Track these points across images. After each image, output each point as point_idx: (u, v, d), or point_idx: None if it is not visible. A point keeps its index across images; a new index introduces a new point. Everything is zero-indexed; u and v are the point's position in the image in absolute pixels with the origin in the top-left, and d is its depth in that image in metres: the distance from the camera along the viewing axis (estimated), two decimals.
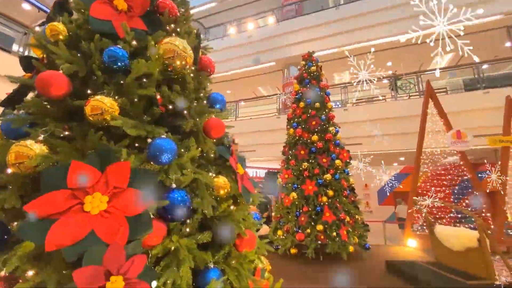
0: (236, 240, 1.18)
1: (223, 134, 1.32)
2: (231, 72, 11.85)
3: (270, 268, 1.50)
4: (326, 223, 4.54)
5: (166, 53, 1.18)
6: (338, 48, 10.21)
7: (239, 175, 1.36)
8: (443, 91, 9.79)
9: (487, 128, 7.30)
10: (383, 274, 3.89)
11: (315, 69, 5.93)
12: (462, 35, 9.62)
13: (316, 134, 5.33)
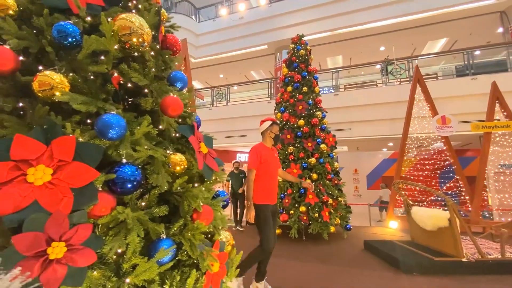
0: (193, 215, 1.24)
1: (182, 113, 1.34)
2: (222, 55, 11.64)
3: (233, 243, 1.58)
4: (309, 205, 4.67)
5: (121, 29, 1.17)
6: (331, 31, 10.05)
7: (201, 153, 1.40)
8: (434, 77, 9.81)
9: (475, 114, 7.40)
10: (360, 252, 4.07)
11: (303, 53, 5.86)
12: (456, 20, 9.52)
13: (302, 118, 5.37)
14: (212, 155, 1.54)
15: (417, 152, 7.68)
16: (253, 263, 2.40)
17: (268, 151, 2.58)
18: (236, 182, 6.08)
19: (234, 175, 6.14)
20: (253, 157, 2.49)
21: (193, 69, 13.01)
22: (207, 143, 1.59)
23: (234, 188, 6.07)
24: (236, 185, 6.04)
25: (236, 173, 6.13)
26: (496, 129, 5.67)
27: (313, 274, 3.13)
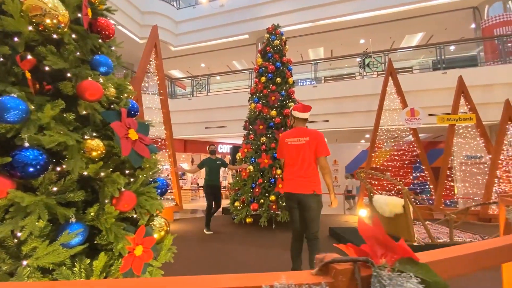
0: (113, 200, 1.25)
1: (100, 97, 1.32)
2: (203, 43, 11.40)
3: (168, 229, 1.61)
4: (278, 194, 4.78)
5: (32, 10, 1.13)
6: (312, 22, 10.04)
7: (129, 140, 1.40)
8: (409, 71, 10.06)
9: (445, 107, 7.69)
10: (325, 239, 4.23)
11: (278, 43, 5.84)
12: (431, 15, 9.72)
13: (275, 109, 5.40)
14: (145, 142, 1.54)
15: (392, 144, 7.96)
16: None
17: None
18: (213, 171, 4.75)
19: (210, 162, 4.74)
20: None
21: (173, 58, 12.71)
22: (142, 130, 1.58)
23: (210, 178, 4.72)
24: (213, 174, 4.74)
25: (213, 160, 4.77)
26: (460, 122, 5.93)
27: (272, 259, 3.23)
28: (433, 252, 0.63)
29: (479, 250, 0.66)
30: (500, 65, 7.36)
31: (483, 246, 0.68)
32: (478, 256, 0.65)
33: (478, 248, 0.67)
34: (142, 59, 4.92)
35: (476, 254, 0.65)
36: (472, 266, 0.64)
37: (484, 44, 8.41)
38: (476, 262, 0.65)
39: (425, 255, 0.62)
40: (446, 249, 0.65)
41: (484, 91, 7.12)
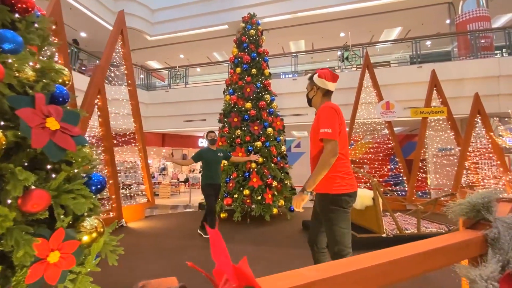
0: (18, 200, 1.07)
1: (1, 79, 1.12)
2: (181, 33, 10.97)
3: (102, 230, 1.44)
4: (252, 188, 4.68)
5: None
6: (292, 14, 9.89)
7: (46, 130, 1.22)
8: (386, 65, 10.20)
9: (420, 101, 7.86)
10: (298, 232, 4.19)
11: (254, 33, 5.66)
12: (409, 9, 9.83)
13: (250, 101, 5.26)
14: (71, 132, 1.35)
15: (370, 137, 8.06)
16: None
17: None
18: (212, 165, 3.75)
19: (208, 154, 3.76)
20: (334, 119, 1.58)
21: (150, 48, 12.18)
22: (69, 119, 1.40)
23: (210, 175, 3.72)
24: (213, 170, 3.74)
25: (213, 151, 3.80)
26: (432, 115, 6.06)
27: (243, 254, 3.13)
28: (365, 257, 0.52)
29: (420, 251, 0.56)
30: (471, 59, 7.57)
31: (426, 247, 0.58)
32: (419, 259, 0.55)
33: (422, 249, 0.57)
34: (106, 47, 4.60)
35: (416, 256, 0.55)
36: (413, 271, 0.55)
37: (458, 39, 8.63)
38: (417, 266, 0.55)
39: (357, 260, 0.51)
40: (385, 252, 0.55)
41: (456, 85, 7.32)
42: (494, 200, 0.64)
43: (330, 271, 0.47)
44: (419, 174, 6.21)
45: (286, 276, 0.45)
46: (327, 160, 1.54)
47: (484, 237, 0.62)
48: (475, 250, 0.61)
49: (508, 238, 0.57)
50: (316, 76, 1.78)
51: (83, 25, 9.97)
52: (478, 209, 0.64)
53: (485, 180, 5.49)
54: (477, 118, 5.68)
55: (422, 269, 0.58)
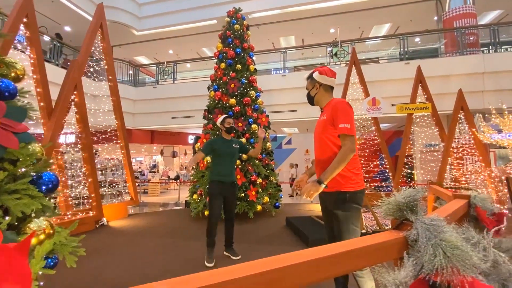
0: None
1: None
2: (169, 28, 10.77)
3: (51, 231, 1.38)
4: None
5: None
6: (281, 9, 9.79)
7: None
8: (375, 61, 10.22)
9: (407, 97, 7.92)
10: (281, 229, 4.18)
11: (239, 28, 5.57)
12: (397, 5, 9.84)
13: (234, 97, 5.19)
14: (13, 129, 1.28)
15: (362, 133, 8.08)
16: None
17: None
18: (226, 159, 2.92)
19: (222, 145, 2.92)
20: (352, 115, 1.58)
21: (137, 43, 11.94)
22: (12, 115, 1.32)
23: (221, 170, 2.89)
24: (226, 164, 2.92)
25: (227, 141, 2.97)
26: (417, 111, 6.09)
27: (220, 252, 3.10)
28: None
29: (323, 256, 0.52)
30: (457, 56, 7.63)
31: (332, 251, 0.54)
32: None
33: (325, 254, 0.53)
34: (84, 41, 4.45)
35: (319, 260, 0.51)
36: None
37: (444, 36, 8.69)
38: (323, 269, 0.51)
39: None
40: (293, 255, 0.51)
41: (442, 81, 7.38)
42: (418, 199, 0.60)
43: (235, 273, 0.43)
44: (405, 169, 6.26)
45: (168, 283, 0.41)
46: (347, 155, 1.49)
47: (405, 239, 0.59)
48: (395, 252, 0.58)
49: (425, 240, 0.54)
50: (317, 73, 1.76)
51: (67, 19, 9.69)
52: (402, 209, 0.61)
53: (467, 175, 5.56)
54: (461, 114, 5.73)
55: (339, 270, 0.54)
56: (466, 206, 1.17)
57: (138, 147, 13.28)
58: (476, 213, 1.14)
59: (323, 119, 1.69)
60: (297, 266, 0.47)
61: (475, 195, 1.17)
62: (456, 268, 0.48)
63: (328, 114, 1.63)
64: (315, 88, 1.77)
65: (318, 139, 1.70)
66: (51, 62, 7.65)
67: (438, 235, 0.51)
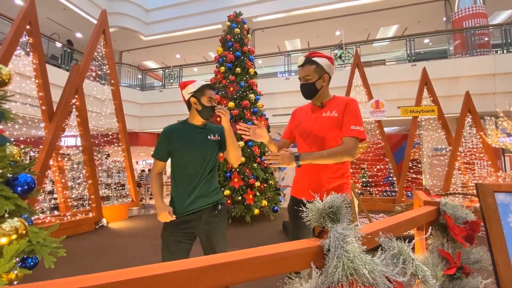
0: None
1: None
2: (175, 33, 10.97)
3: (23, 232, 1.41)
4: (233, 188, 4.62)
5: None
6: (286, 12, 9.79)
7: None
8: (382, 63, 10.03)
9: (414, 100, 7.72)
10: (276, 234, 4.13)
11: (239, 32, 5.60)
12: (405, 6, 9.66)
13: (233, 101, 5.20)
14: None
15: (369, 137, 7.93)
16: None
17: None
18: (198, 164, 1.56)
19: (189, 136, 1.56)
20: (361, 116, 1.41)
21: (145, 48, 12.22)
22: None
23: (186, 192, 1.51)
24: (197, 176, 1.54)
25: (200, 131, 1.59)
26: (423, 114, 5.92)
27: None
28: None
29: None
30: (466, 57, 7.39)
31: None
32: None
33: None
34: (87, 47, 4.61)
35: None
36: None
37: (454, 37, 8.44)
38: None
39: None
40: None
41: (451, 83, 7.16)
42: (339, 206, 0.57)
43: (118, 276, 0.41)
44: (412, 174, 6.08)
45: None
46: (343, 156, 1.30)
47: (320, 248, 0.55)
48: (308, 261, 0.55)
49: (334, 249, 0.50)
50: (327, 62, 1.44)
51: (78, 25, 10.05)
52: (323, 215, 0.58)
53: (474, 181, 5.33)
54: (468, 117, 5.52)
55: (249, 275, 0.51)
56: (435, 213, 1.11)
57: (146, 149, 13.54)
58: (445, 221, 1.08)
59: (331, 115, 1.41)
60: (182, 273, 0.45)
61: (446, 202, 1.12)
62: (356, 282, 0.45)
63: (340, 112, 1.39)
64: (322, 80, 1.44)
65: (318, 138, 1.42)
66: (62, 68, 7.94)
67: (343, 245, 0.48)
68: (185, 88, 1.58)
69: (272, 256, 0.52)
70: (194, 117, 1.59)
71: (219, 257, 0.50)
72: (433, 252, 1.04)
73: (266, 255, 0.51)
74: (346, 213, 0.58)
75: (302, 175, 1.49)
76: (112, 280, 0.37)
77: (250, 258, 0.50)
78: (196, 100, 1.54)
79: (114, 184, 6.41)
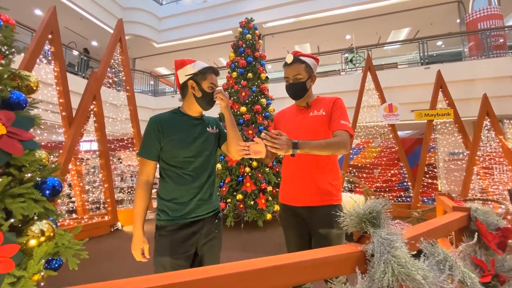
0: None
1: None
2: (187, 40, 11.20)
3: (51, 234, 1.45)
4: (245, 192, 4.63)
5: None
6: (296, 17, 9.85)
7: None
8: (394, 66, 9.91)
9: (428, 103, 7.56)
10: None
11: (250, 37, 5.66)
12: (417, 9, 9.55)
13: (245, 105, 5.24)
14: (20, 137, 1.38)
15: (381, 141, 7.83)
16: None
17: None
18: (199, 162, 1.30)
19: (184, 129, 1.29)
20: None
21: (158, 55, 12.50)
22: (21, 124, 1.43)
23: (184, 196, 1.26)
24: (197, 178, 1.30)
25: (196, 123, 1.35)
26: (438, 117, 5.79)
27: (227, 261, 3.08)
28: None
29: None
30: (482, 59, 7.21)
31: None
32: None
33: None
34: (104, 55, 4.75)
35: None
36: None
37: (468, 39, 8.27)
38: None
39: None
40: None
41: (466, 86, 6.99)
42: (379, 211, 0.57)
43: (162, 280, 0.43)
44: (427, 179, 5.93)
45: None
46: (340, 147, 1.22)
47: (362, 253, 0.55)
48: (350, 266, 0.55)
49: (379, 255, 0.50)
50: (314, 62, 1.46)
51: (94, 34, 10.40)
52: (363, 220, 0.57)
53: (494, 186, 5.14)
54: (486, 120, 5.36)
55: (280, 283, 0.52)
56: (466, 219, 1.08)
57: None
58: (477, 227, 1.05)
59: (319, 114, 1.39)
60: (231, 277, 0.46)
61: (477, 208, 1.09)
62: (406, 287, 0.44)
63: (327, 110, 1.38)
64: (311, 79, 1.45)
65: (310, 138, 1.32)
66: (78, 75, 8.21)
67: (390, 250, 0.48)
68: (183, 67, 1.28)
69: (315, 261, 0.52)
70: (190, 105, 1.31)
71: (262, 261, 0.51)
72: (466, 260, 1.01)
73: (309, 260, 0.51)
74: (387, 218, 0.58)
75: (293, 179, 1.42)
76: (173, 281, 0.38)
77: (295, 263, 0.50)
78: (195, 84, 1.27)
79: (128, 188, 6.54)
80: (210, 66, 1.32)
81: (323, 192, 1.32)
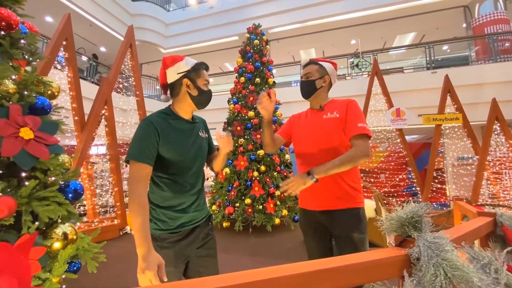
0: None
1: None
2: (193, 45, 11.33)
3: (74, 237, 1.48)
4: (253, 197, 4.63)
5: None
6: (301, 23, 9.94)
7: (19, 139, 1.28)
8: (400, 71, 9.90)
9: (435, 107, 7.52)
10: (297, 244, 4.06)
11: (258, 43, 5.73)
12: (423, 14, 9.58)
13: (253, 110, 5.27)
14: (46, 141, 1.41)
15: (387, 145, 7.80)
16: None
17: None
18: (193, 167, 1.25)
19: (178, 133, 1.20)
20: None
21: None
22: (46, 129, 1.47)
23: (179, 203, 1.19)
24: (191, 183, 1.24)
25: (188, 126, 1.26)
26: (446, 122, 5.75)
27: (236, 265, 3.08)
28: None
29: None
30: (490, 63, 7.18)
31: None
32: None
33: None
34: (115, 60, 4.84)
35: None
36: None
37: (475, 43, 8.25)
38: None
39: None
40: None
41: (474, 90, 6.96)
42: (422, 215, 0.58)
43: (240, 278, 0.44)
44: (436, 184, 5.87)
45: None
46: (358, 158, 1.23)
47: (407, 256, 0.56)
48: (396, 270, 0.55)
49: (427, 258, 0.51)
50: (331, 66, 1.51)
51: (102, 40, 10.59)
52: (405, 225, 0.58)
53: (505, 191, 5.08)
54: (496, 125, 5.32)
55: (333, 285, 0.53)
56: (492, 224, 1.08)
57: None
58: (503, 232, 1.05)
59: (332, 117, 1.38)
60: (287, 279, 0.47)
61: (502, 213, 1.08)
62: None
63: (341, 112, 1.37)
64: (323, 80, 1.48)
65: (323, 140, 1.37)
66: (87, 80, 8.34)
67: (440, 254, 0.49)
68: (174, 64, 1.18)
69: (366, 264, 0.53)
70: (183, 106, 1.22)
71: (317, 264, 0.52)
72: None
73: (361, 263, 0.52)
74: (428, 222, 0.59)
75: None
76: (243, 281, 0.40)
77: (346, 266, 0.51)
78: (190, 82, 1.18)
79: None
80: (201, 61, 1.26)
81: (342, 195, 1.31)
